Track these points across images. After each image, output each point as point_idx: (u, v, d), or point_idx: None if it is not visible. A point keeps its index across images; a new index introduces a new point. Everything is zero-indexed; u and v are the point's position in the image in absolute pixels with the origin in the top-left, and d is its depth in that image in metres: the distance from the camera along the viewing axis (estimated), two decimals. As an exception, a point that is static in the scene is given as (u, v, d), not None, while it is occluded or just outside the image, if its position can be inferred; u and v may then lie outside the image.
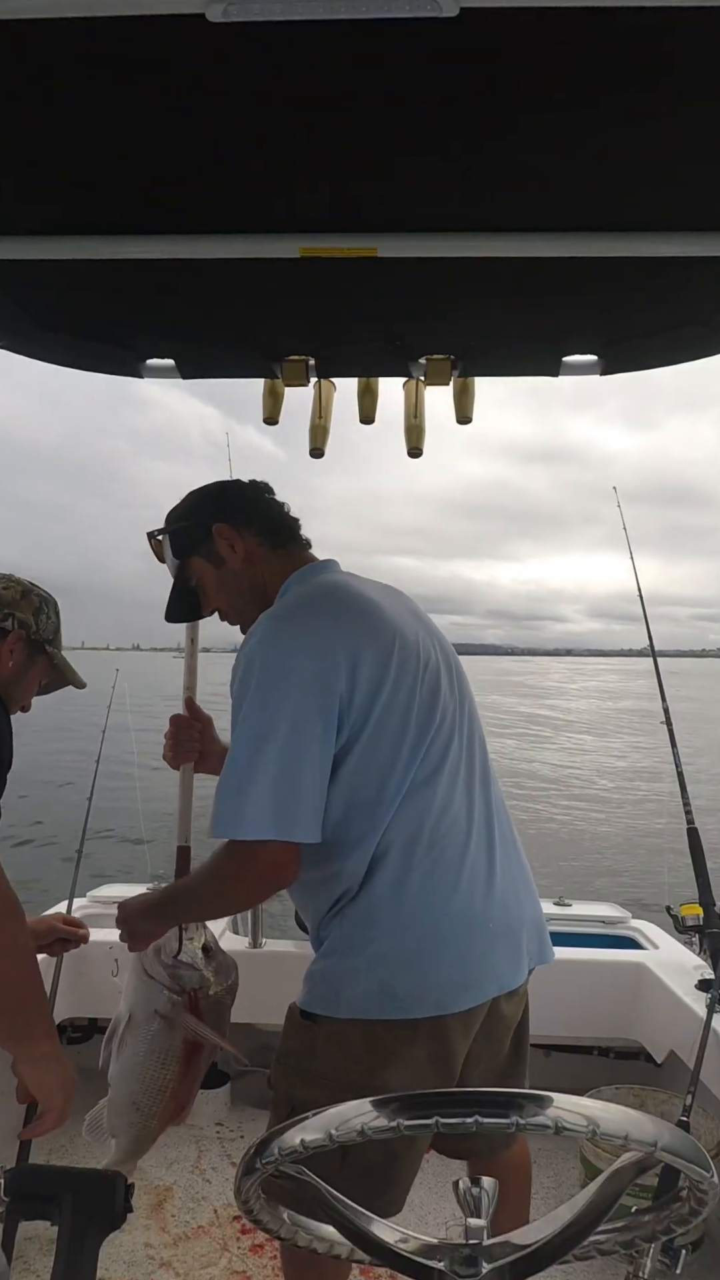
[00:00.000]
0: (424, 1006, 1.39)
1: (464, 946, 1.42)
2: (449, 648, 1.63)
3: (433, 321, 1.89)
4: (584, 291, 1.68)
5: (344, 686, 1.37)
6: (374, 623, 1.45)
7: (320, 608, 1.46)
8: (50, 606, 1.58)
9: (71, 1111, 1.30)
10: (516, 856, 1.58)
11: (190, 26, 0.88)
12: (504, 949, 1.47)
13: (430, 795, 1.44)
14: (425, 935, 1.40)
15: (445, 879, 1.42)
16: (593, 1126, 0.69)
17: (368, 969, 1.41)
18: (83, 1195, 1.22)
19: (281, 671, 1.36)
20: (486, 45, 0.98)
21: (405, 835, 1.41)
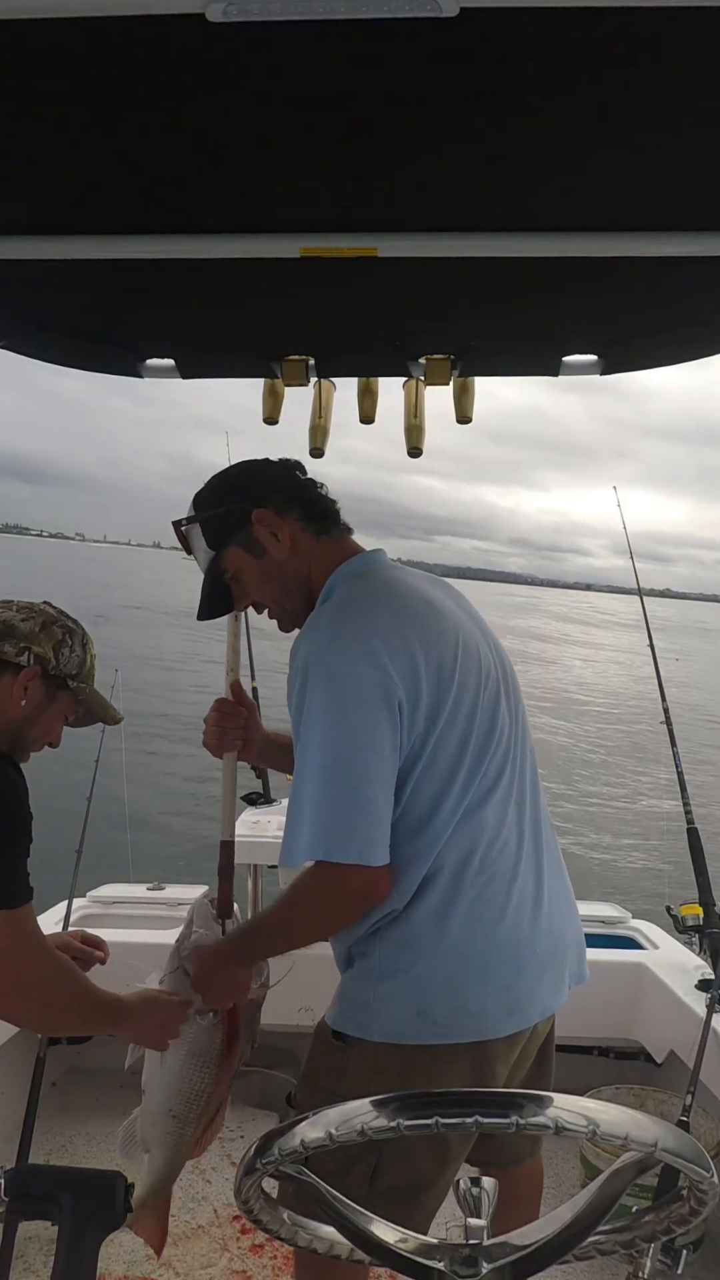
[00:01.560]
0: (463, 1032, 1.35)
1: (510, 974, 1.37)
2: (503, 651, 1.56)
3: (433, 321, 1.89)
4: (584, 291, 1.68)
5: (406, 698, 1.31)
6: (438, 629, 1.38)
7: (380, 611, 1.37)
8: (76, 638, 1.45)
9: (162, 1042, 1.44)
10: (560, 872, 1.52)
11: (190, 26, 0.88)
12: (549, 975, 1.43)
13: (484, 817, 1.38)
14: (470, 961, 1.35)
15: (493, 905, 1.37)
16: (593, 1126, 0.69)
17: (406, 992, 1.36)
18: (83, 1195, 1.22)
19: (346, 683, 1.30)
20: (486, 45, 0.98)
21: (457, 858, 1.36)
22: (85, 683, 1.46)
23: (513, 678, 1.55)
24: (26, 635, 1.39)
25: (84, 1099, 2.79)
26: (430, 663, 1.33)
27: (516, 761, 1.47)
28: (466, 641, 1.41)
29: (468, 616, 1.51)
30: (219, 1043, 1.47)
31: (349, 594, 1.42)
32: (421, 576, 1.53)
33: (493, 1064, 1.38)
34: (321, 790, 1.30)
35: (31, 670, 1.37)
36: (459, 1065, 1.35)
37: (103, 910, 2.98)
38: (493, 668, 1.46)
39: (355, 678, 1.29)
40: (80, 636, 1.46)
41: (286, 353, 2.00)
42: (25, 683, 1.37)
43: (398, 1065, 1.36)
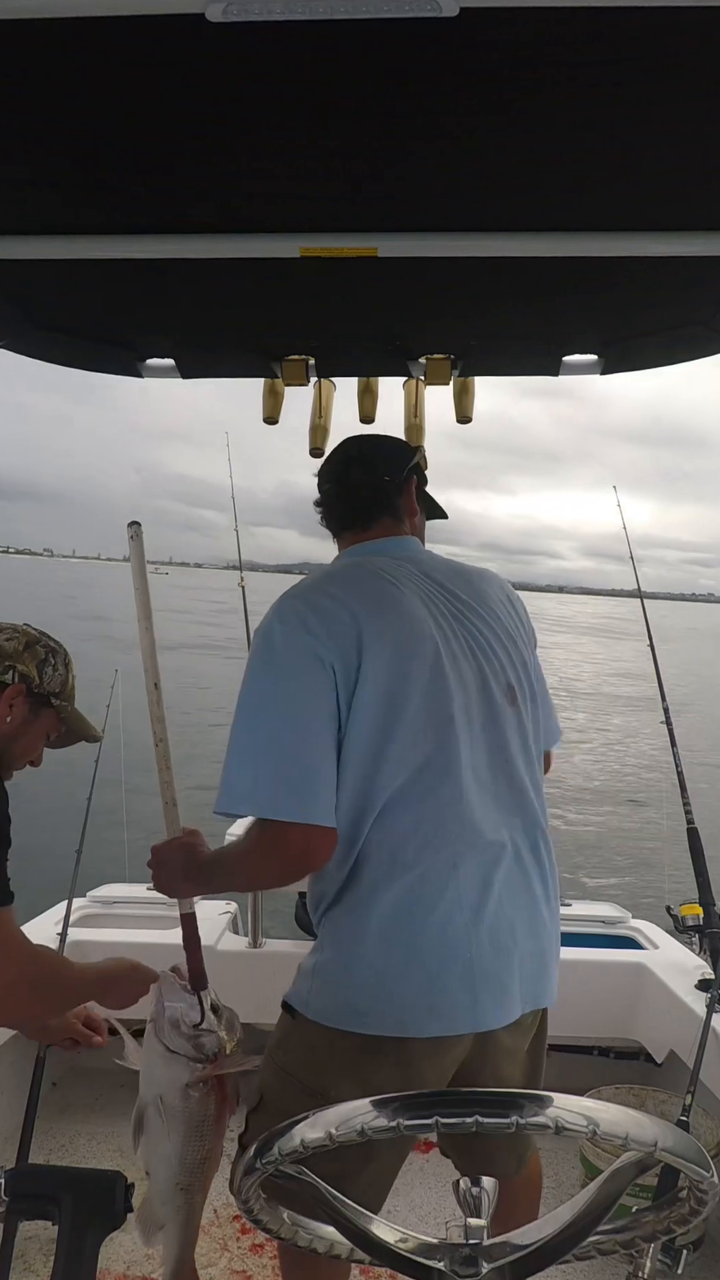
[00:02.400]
0: (385, 1025, 1.34)
1: (436, 975, 1.33)
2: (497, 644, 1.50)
3: (433, 321, 1.89)
4: (584, 291, 1.68)
5: (338, 666, 1.33)
6: (382, 614, 1.39)
7: (329, 586, 1.43)
8: (58, 658, 1.49)
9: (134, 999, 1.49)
10: (532, 892, 1.45)
11: (190, 26, 0.88)
12: (489, 988, 1.36)
13: (419, 810, 1.36)
14: (394, 954, 1.34)
15: (423, 901, 1.34)
16: (593, 1126, 0.69)
17: (338, 975, 1.38)
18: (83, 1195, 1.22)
19: (283, 647, 1.36)
20: (486, 45, 0.98)
21: (386, 846, 1.35)
22: (67, 701, 1.51)
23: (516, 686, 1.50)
24: (10, 654, 1.43)
25: (84, 1099, 2.79)
26: (368, 642, 1.35)
27: (495, 763, 1.44)
28: (408, 631, 1.40)
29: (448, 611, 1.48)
30: (213, 1108, 1.45)
31: (317, 573, 1.51)
32: (419, 565, 1.53)
33: (418, 1064, 1.35)
34: (256, 743, 1.32)
35: (16, 688, 1.41)
36: (382, 1059, 1.34)
37: (102, 910, 2.98)
38: (452, 667, 1.42)
39: (292, 641, 1.35)
40: (62, 656, 1.51)
41: (286, 353, 2.00)
42: (10, 700, 1.40)
43: (326, 1047, 1.38)
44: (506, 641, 1.52)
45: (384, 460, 1.64)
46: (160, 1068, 1.41)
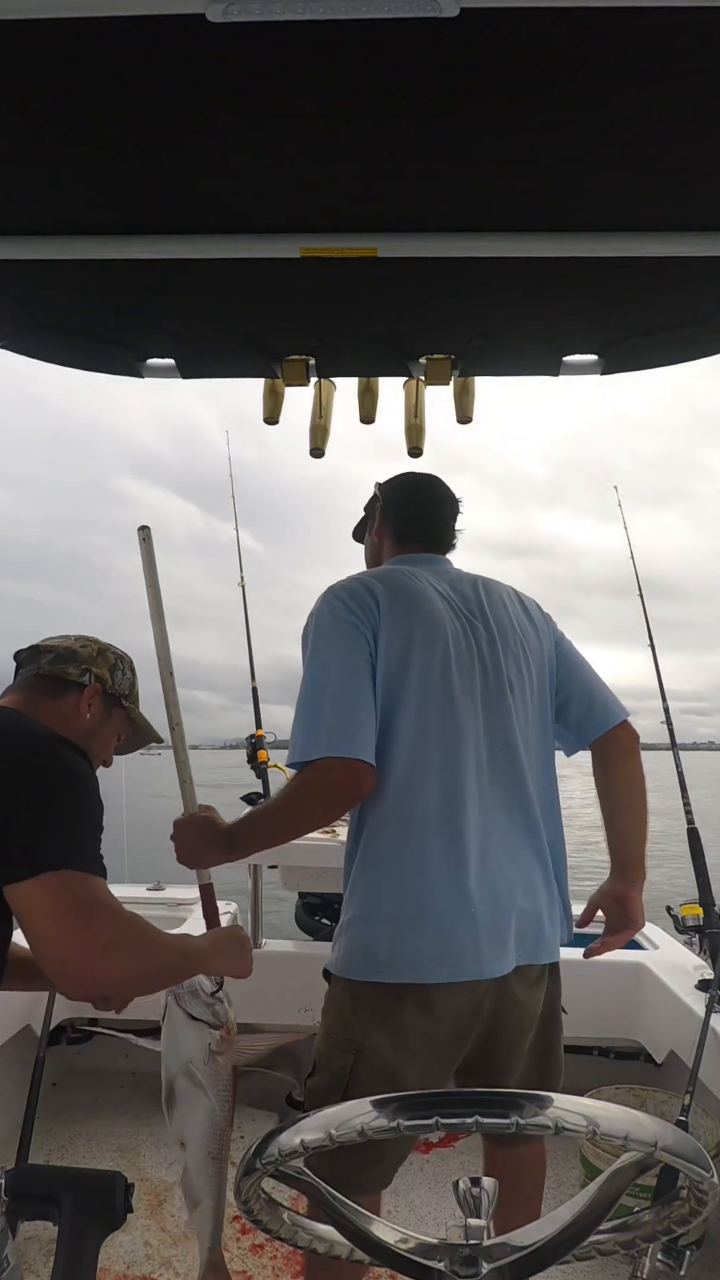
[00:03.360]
0: (400, 972, 1.47)
1: (444, 925, 1.47)
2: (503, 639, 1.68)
3: (433, 321, 1.89)
4: (584, 291, 1.68)
5: (369, 635, 1.56)
6: (404, 601, 1.61)
7: (362, 580, 1.66)
8: (125, 664, 1.62)
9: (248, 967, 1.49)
10: (527, 851, 1.61)
11: (190, 26, 0.89)
12: (487, 937, 1.50)
13: (426, 777, 1.52)
14: (408, 907, 1.48)
15: (432, 860, 1.49)
16: (593, 1126, 0.69)
17: (360, 929, 1.52)
18: (83, 1195, 1.22)
19: (330, 623, 1.58)
20: (486, 45, 0.98)
21: (399, 810, 1.51)
22: (134, 704, 1.63)
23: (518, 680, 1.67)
24: (86, 659, 1.54)
25: (84, 1099, 2.79)
26: (385, 621, 1.57)
27: (493, 744, 1.60)
28: (425, 618, 1.61)
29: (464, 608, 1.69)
30: (229, 1072, 1.50)
31: (363, 572, 1.74)
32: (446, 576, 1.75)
33: (437, 1008, 1.48)
34: (312, 701, 1.53)
35: (93, 688, 1.52)
36: (404, 1005, 1.48)
37: None
38: (466, 653, 1.62)
39: (338, 617, 1.58)
40: (129, 663, 1.63)
41: (286, 353, 2.00)
42: (89, 699, 1.51)
43: (353, 1001, 1.52)
44: (513, 638, 1.70)
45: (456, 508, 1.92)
46: (186, 1036, 1.47)
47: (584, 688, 1.79)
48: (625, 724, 1.80)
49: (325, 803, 1.52)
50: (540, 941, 1.60)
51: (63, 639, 1.59)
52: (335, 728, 1.49)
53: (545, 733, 1.72)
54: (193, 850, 1.62)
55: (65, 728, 1.44)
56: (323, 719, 1.50)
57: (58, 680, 1.50)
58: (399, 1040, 1.48)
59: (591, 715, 1.77)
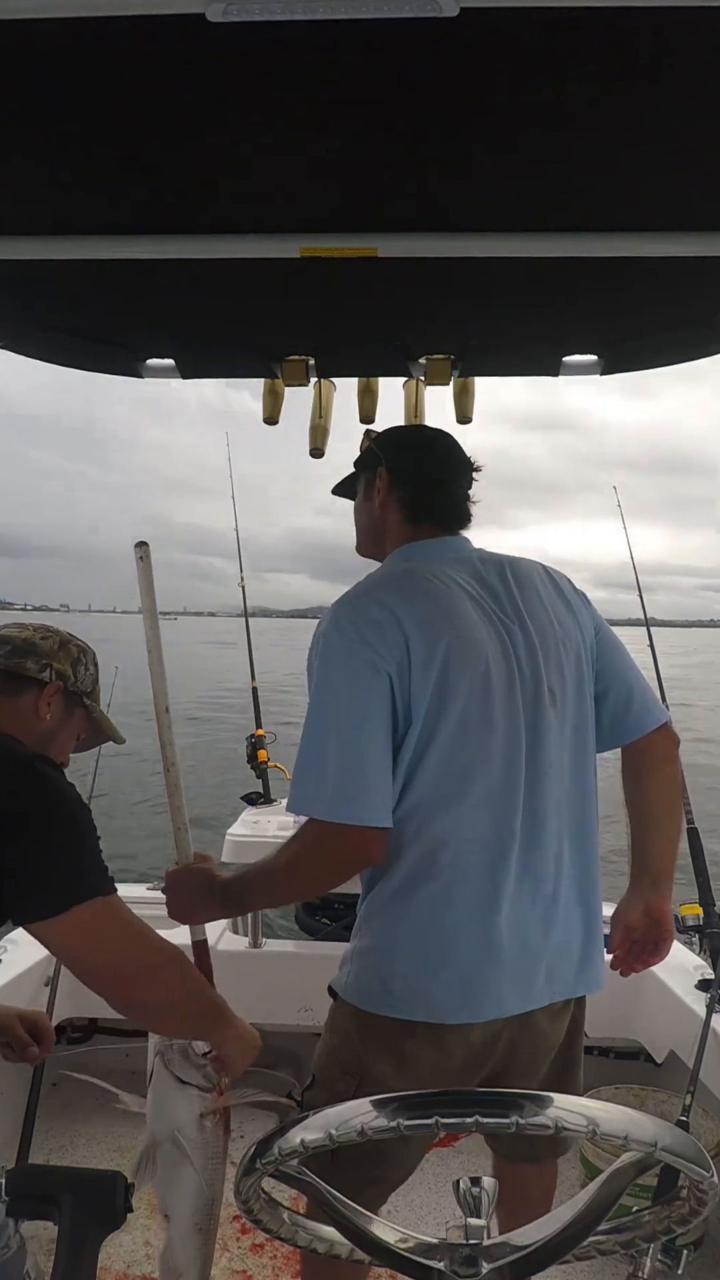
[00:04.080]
0: (416, 1010, 1.39)
1: (467, 967, 1.39)
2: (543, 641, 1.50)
3: (433, 321, 1.89)
4: (584, 291, 1.67)
5: (394, 673, 1.38)
6: (433, 621, 1.42)
7: (381, 598, 1.44)
8: (89, 657, 1.50)
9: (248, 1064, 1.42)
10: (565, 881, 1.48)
11: (190, 26, 0.89)
12: (514, 978, 1.42)
13: (458, 812, 1.39)
14: (430, 945, 1.39)
15: (457, 897, 1.39)
16: (593, 1126, 0.69)
17: (376, 961, 1.44)
18: (83, 1195, 1.22)
19: (344, 655, 1.39)
20: (486, 45, 0.98)
21: (424, 845, 1.40)
22: (95, 701, 1.52)
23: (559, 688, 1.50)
24: (47, 653, 1.42)
25: (84, 1099, 2.79)
26: (415, 647, 1.39)
27: (533, 765, 1.45)
28: (460, 636, 1.42)
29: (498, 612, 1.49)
30: (222, 1137, 1.42)
31: (372, 578, 1.53)
32: (467, 568, 1.54)
33: (449, 1044, 1.41)
34: (321, 749, 1.37)
35: (55, 685, 1.41)
36: (415, 1039, 1.41)
37: None
38: (503, 668, 1.44)
39: (352, 650, 1.39)
40: (92, 656, 1.52)
41: (286, 353, 1.99)
42: (49, 698, 1.40)
43: (361, 1028, 1.44)
44: (553, 638, 1.52)
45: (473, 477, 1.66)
46: (174, 1102, 1.37)
47: (622, 683, 1.61)
48: (666, 727, 1.65)
49: (331, 870, 1.41)
50: (574, 977, 1.50)
51: (19, 628, 1.46)
52: (344, 790, 1.34)
53: (586, 739, 1.55)
54: (187, 905, 1.54)
55: (22, 730, 1.35)
56: (330, 776, 1.35)
57: (14, 676, 1.38)
58: (405, 1070, 1.41)
59: (629, 715, 1.61)
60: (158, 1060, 1.40)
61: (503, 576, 1.54)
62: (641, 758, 1.65)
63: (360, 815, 1.34)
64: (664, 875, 1.65)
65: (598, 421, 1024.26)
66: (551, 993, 1.47)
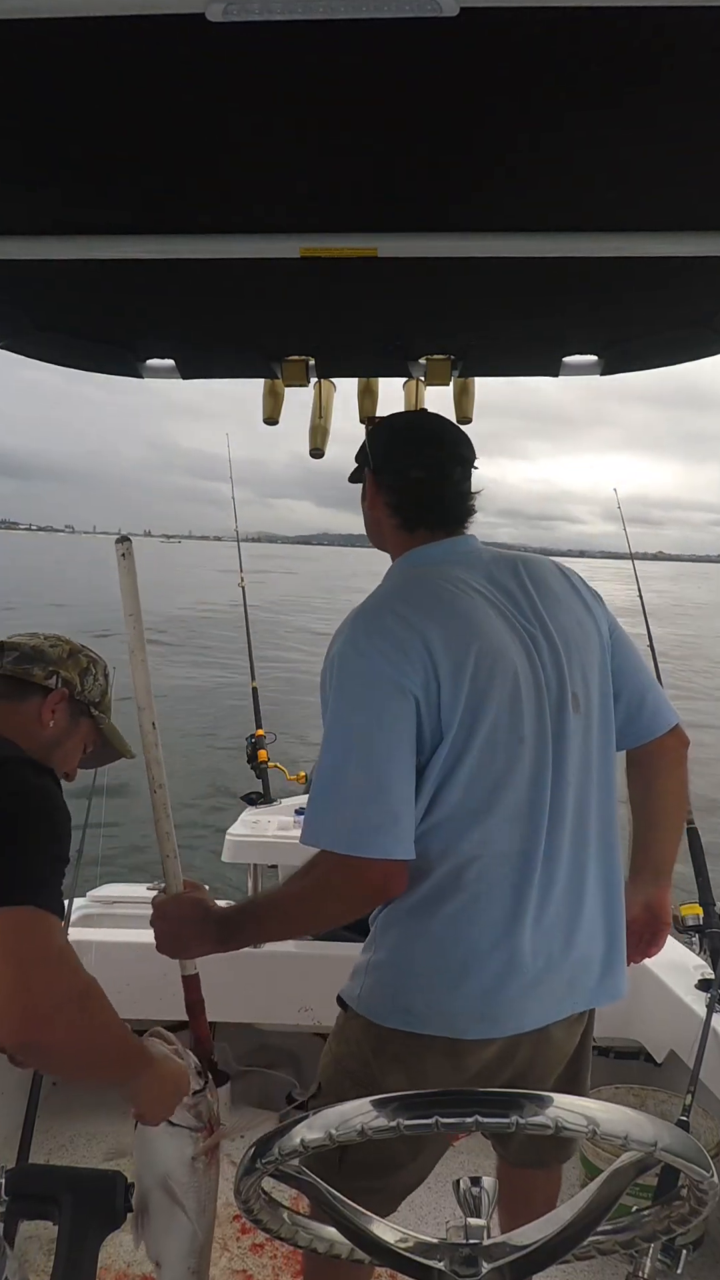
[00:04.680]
0: (435, 1026, 1.36)
1: (489, 984, 1.36)
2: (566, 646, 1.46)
3: (433, 321, 1.89)
4: (584, 291, 1.67)
5: (421, 695, 1.32)
6: (455, 632, 1.37)
7: (401, 611, 1.38)
8: (99, 669, 1.46)
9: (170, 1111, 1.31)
10: (589, 892, 1.45)
11: (190, 26, 0.88)
12: (537, 992, 1.39)
13: (484, 827, 1.36)
14: (450, 961, 1.36)
15: (485, 913, 1.36)
16: (593, 1126, 0.69)
17: (392, 977, 1.40)
18: (83, 1195, 1.22)
19: (363, 676, 1.34)
20: (486, 45, 0.98)
21: (450, 860, 1.36)
22: (105, 713, 1.48)
23: (582, 693, 1.46)
24: (55, 660, 1.40)
25: (84, 1099, 2.79)
26: (442, 663, 1.33)
27: (558, 777, 1.41)
28: (487, 647, 1.37)
29: (519, 617, 1.45)
30: (215, 1175, 1.35)
31: (385, 589, 1.48)
32: (483, 571, 1.49)
33: (464, 1058, 1.39)
34: (340, 779, 1.31)
35: (60, 693, 1.38)
36: (431, 1053, 1.38)
37: (103, 910, 2.98)
38: (529, 677, 1.40)
39: (372, 670, 1.33)
40: (102, 667, 1.48)
41: (286, 353, 1.99)
42: (53, 706, 1.37)
43: (375, 1042, 1.41)
44: (575, 642, 1.48)
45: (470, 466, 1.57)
46: (164, 1146, 1.30)
47: (635, 685, 1.58)
48: (677, 729, 1.63)
49: (350, 906, 1.35)
50: (595, 987, 1.47)
51: (30, 636, 1.44)
52: (368, 821, 1.28)
53: (609, 744, 1.52)
54: (178, 938, 1.45)
55: (24, 736, 1.31)
56: (351, 806, 1.29)
57: (20, 682, 1.36)
58: (417, 1084, 1.37)
59: (640, 717, 1.58)
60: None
61: (518, 578, 1.49)
62: (652, 760, 1.63)
63: (386, 848, 1.28)
64: (666, 870, 1.65)
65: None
66: (573, 1004, 1.45)
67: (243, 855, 2.99)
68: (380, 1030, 1.40)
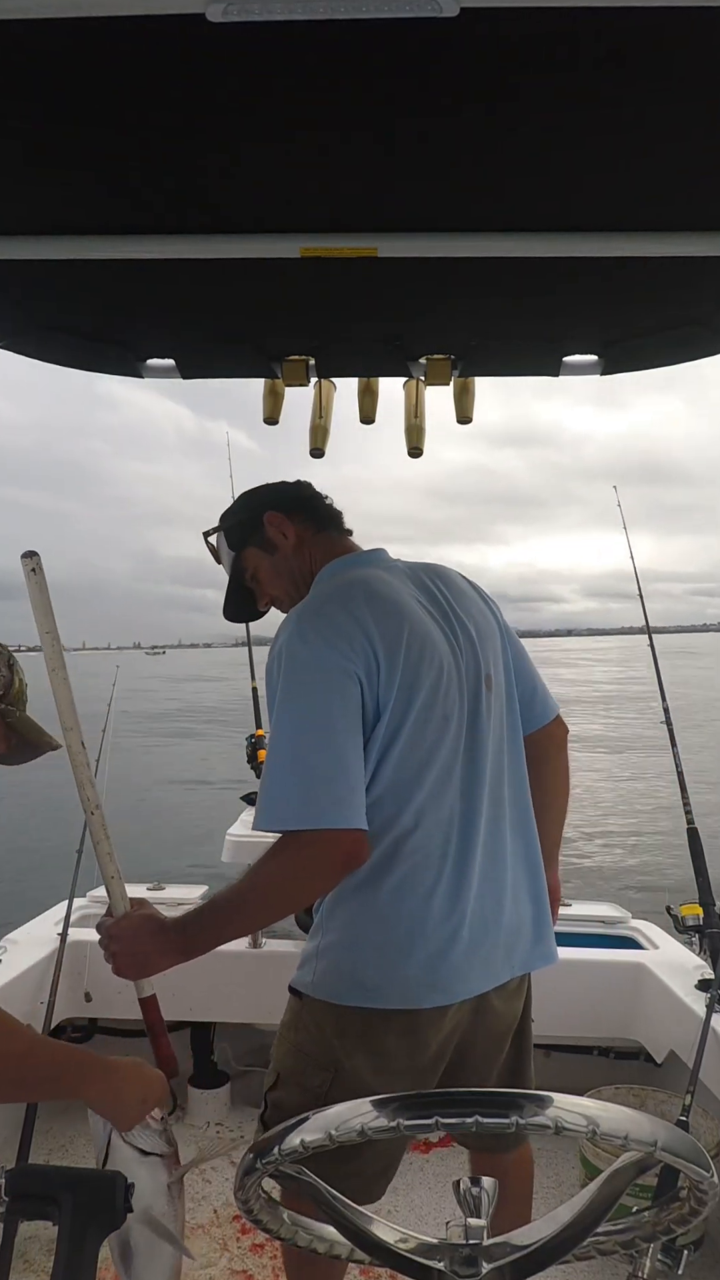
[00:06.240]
0: (391, 998, 1.43)
1: (434, 950, 1.43)
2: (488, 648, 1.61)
3: (433, 321, 1.89)
4: (584, 291, 1.68)
5: (364, 677, 1.41)
6: (391, 620, 1.46)
7: (339, 602, 1.48)
8: (1, 659, 1.33)
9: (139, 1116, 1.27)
10: (509, 858, 1.56)
11: (190, 26, 0.89)
12: (477, 957, 1.47)
13: (418, 801, 1.44)
14: (397, 932, 1.43)
15: (422, 882, 1.44)
16: (593, 1126, 0.69)
17: (342, 955, 1.46)
18: (83, 1195, 1.21)
19: (308, 664, 1.41)
20: (486, 45, 0.98)
21: (389, 836, 1.43)
22: (15, 706, 1.35)
23: (494, 674, 1.60)
24: None
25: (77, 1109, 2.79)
26: (384, 649, 1.42)
27: (473, 751, 1.52)
28: (416, 634, 1.48)
29: (437, 610, 1.58)
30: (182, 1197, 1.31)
31: (323, 588, 1.57)
32: (399, 572, 1.62)
33: (424, 1032, 1.44)
34: (300, 759, 1.36)
35: None
36: (391, 1029, 1.43)
37: (102, 910, 2.98)
38: (451, 661, 1.52)
39: (320, 657, 1.41)
40: (5, 657, 1.35)
41: (286, 353, 1.99)
42: None
43: (334, 1023, 1.46)
44: (485, 632, 1.63)
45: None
46: (140, 1178, 1.25)
47: (527, 679, 1.74)
48: (559, 718, 1.82)
49: (327, 878, 1.39)
50: (530, 950, 1.59)
51: None
52: (332, 794, 1.34)
53: (515, 721, 1.66)
54: (136, 956, 1.44)
55: None
56: (315, 783, 1.35)
57: None
58: (381, 1064, 1.43)
59: (533, 708, 1.75)
60: (114, 1136, 1.29)
61: (432, 579, 1.64)
62: (543, 747, 1.77)
63: (352, 818, 1.34)
64: (555, 850, 1.81)
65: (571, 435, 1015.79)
66: (510, 969, 1.54)
67: (243, 855, 3.00)
68: (340, 1010, 1.45)
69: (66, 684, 1.35)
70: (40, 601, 1.36)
